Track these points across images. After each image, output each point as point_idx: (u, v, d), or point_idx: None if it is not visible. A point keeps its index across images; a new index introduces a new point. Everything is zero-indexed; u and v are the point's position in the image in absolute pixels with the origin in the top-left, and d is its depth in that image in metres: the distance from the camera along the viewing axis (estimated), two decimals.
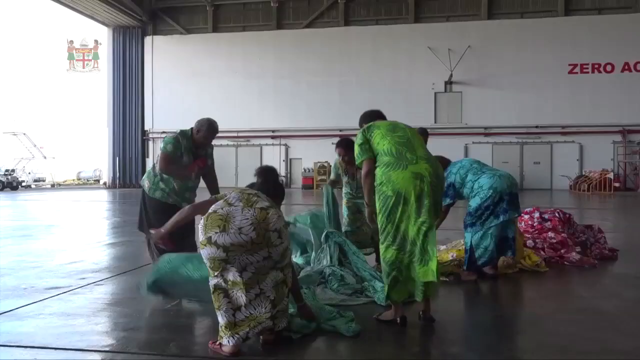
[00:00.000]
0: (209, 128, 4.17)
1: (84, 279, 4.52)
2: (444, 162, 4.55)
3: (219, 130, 4.36)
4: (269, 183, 3.02)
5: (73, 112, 42.29)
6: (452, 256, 4.90)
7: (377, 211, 3.16)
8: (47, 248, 6.43)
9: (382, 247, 3.18)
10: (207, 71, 26.39)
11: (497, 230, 4.40)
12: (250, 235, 2.58)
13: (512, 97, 23.63)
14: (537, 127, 23.80)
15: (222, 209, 2.68)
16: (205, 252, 2.65)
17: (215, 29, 27.17)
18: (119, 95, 27.90)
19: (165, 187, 4.12)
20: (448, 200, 4.54)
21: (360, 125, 3.56)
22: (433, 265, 2.99)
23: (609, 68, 23.29)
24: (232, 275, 2.64)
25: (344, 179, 4.79)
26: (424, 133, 4.91)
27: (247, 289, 2.65)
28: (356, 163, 3.36)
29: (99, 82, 29.88)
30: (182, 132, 4.17)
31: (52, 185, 30.93)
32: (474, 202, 4.43)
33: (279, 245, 2.68)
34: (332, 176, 4.87)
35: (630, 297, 4.00)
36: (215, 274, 2.67)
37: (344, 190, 4.88)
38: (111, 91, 28.00)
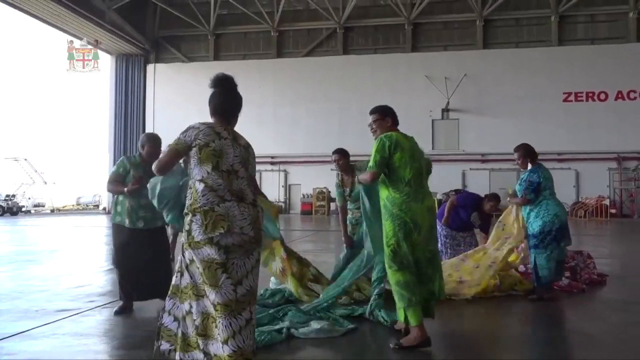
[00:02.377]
0: (149, 141, 4.26)
1: (92, 301, 4.67)
2: None
3: None
4: (227, 94, 2.70)
5: (74, 118, 42.39)
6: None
7: (389, 234, 3.29)
8: (53, 273, 6.57)
9: (391, 271, 3.31)
10: (207, 98, 26.74)
11: (557, 255, 4.73)
12: (250, 234, 2.43)
13: (509, 124, 24.02)
14: None
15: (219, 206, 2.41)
16: (203, 252, 2.35)
17: (216, 57, 27.75)
18: (120, 121, 28.28)
19: (121, 209, 4.19)
20: (532, 196, 4.77)
21: (383, 115, 3.58)
22: (433, 286, 3.33)
23: (602, 96, 23.78)
24: (223, 293, 2.32)
25: (346, 195, 4.98)
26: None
27: (240, 310, 2.36)
28: (369, 165, 3.35)
29: (99, 82, 30.32)
30: (127, 156, 4.39)
31: (52, 211, 31.06)
32: (537, 225, 4.73)
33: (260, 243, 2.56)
34: (339, 203, 5.02)
35: (615, 320, 4.17)
36: (208, 290, 2.33)
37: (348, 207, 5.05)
38: (113, 117, 28.38)
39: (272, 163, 26.48)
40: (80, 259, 8.17)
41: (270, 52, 27.20)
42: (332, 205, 24.82)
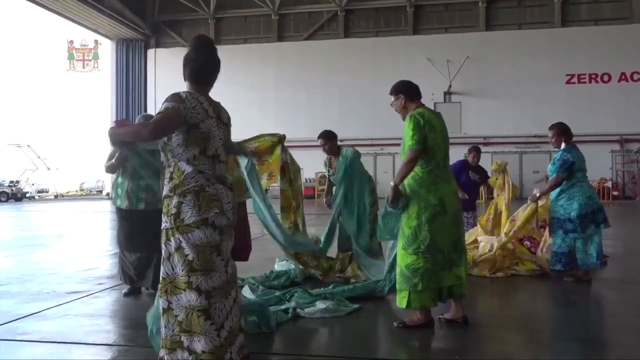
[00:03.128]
0: (149, 119, 4.34)
1: (101, 284, 4.77)
2: None
3: None
4: (210, 57, 2.46)
5: (74, 114, 42.55)
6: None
7: (411, 216, 3.22)
8: (61, 256, 6.68)
9: (404, 253, 3.24)
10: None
11: (598, 238, 4.75)
12: (231, 219, 2.38)
13: (511, 107, 23.95)
14: (535, 136, 24.07)
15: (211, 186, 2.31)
16: (195, 236, 2.23)
17: (217, 41, 27.49)
18: (121, 106, 28.25)
19: (121, 192, 4.19)
20: (566, 174, 4.73)
21: (395, 93, 3.42)
22: (459, 271, 3.27)
23: (605, 78, 23.64)
24: (218, 276, 2.26)
25: (330, 175, 5.28)
26: None
27: (230, 290, 2.32)
28: (409, 144, 3.20)
29: (99, 82, 30.30)
30: None
31: (55, 197, 31.21)
32: (572, 209, 4.71)
33: None
34: (326, 184, 5.34)
35: (611, 299, 4.29)
36: (196, 279, 2.21)
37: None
38: (114, 103, 28.35)
39: None
40: (87, 243, 8.28)
41: (271, 36, 27.04)
42: (334, 190, 24.92)
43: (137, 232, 4.12)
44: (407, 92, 3.41)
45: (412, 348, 3.09)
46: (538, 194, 5.00)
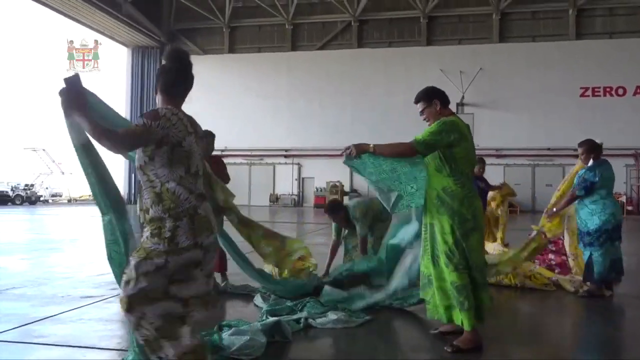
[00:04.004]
0: None
1: (114, 289, 4.81)
2: None
3: (238, 149, 4.73)
4: (186, 71, 2.36)
5: None
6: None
7: (448, 231, 3.05)
8: (75, 261, 6.76)
9: (447, 270, 3.09)
10: (222, 90, 26.99)
11: (612, 253, 4.77)
12: (216, 233, 2.36)
13: (524, 119, 23.85)
14: (548, 149, 23.94)
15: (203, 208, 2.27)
16: (184, 257, 2.17)
17: (231, 50, 27.88)
18: (136, 112, 28.56)
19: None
20: (582, 193, 4.80)
21: (429, 100, 3.27)
22: (481, 294, 3.10)
23: (620, 91, 23.47)
24: (197, 286, 2.24)
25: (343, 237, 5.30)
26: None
27: (209, 302, 2.32)
28: (418, 137, 3.08)
29: (99, 82, 30.74)
30: None
31: (69, 200, 31.57)
32: (593, 223, 4.75)
33: None
34: (334, 237, 5.29)
35: (627, 316, 4.22)
36: (175, 289, 2.18)
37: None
38: (129, 109, 28.69)
39: (285, 156, 26.60)
40: (100, 248, 8.36)
41: (285, 45, 27.26)
42: (346, 199, 24.92)
43: None
44: (442, 98, 3.25)
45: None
46: (555, 209, 5.04)
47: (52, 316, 3.73)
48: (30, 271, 5.80)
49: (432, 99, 3.24)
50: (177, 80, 2.34)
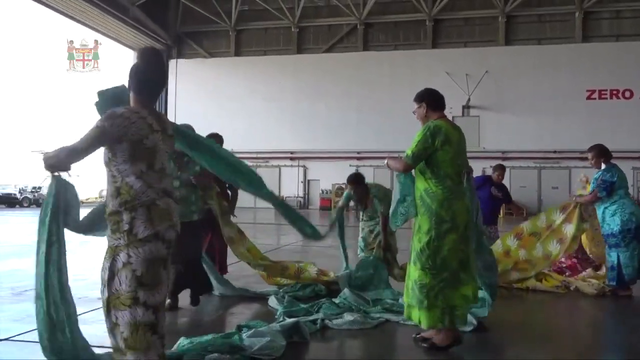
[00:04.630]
0: None
1: None
2: None
3: (244, 151, 4.78)
4: (158, 69, 2.44)
5: (76, 115, 42.96)
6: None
7: (424, 230, 3.14)
8: (87, 263, 6.81)
9: (414, 267, 3.18)
10: (228, 93, 27.12)
11: (639, 253, 4.85)
12: (178, 232, 2.38)
13: (530, 122, 23.83)
14: (555, 152, 23.91)
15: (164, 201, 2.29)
16: (146, 250, 2.19)
17: (237, 53, 28.00)
18: None
19: None
20: (604, 194, 4.94)
21: (418, 102, 3.34)
22: (466, 290, 3.13)
23: (627, 94, 23.43)
24: (164, 290, 2.27)
25: (356, 207, 5.26)
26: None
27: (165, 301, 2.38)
28: (407, 153, 3.19)
29: (103, 83, 30.77)
30: None
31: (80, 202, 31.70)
32: (615, 224, 4.87)
33: None
34: (340, 203, 5.31)
35: None
36: (143, 295, 2.19)
37: (360, 219, 5.33)
38: None
39: (291, 158, 26.67)
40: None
41: (291, 48, 27.36)
42: (351, 202, 24.94)
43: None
44: (429, 101, 3.32)
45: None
46: (579, 199, 5.23)
47: None
48: None
49: (422, 101, 3.33)
50: (147, 80, 2.39)
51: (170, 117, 28.06)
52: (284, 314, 3.76)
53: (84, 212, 2.68)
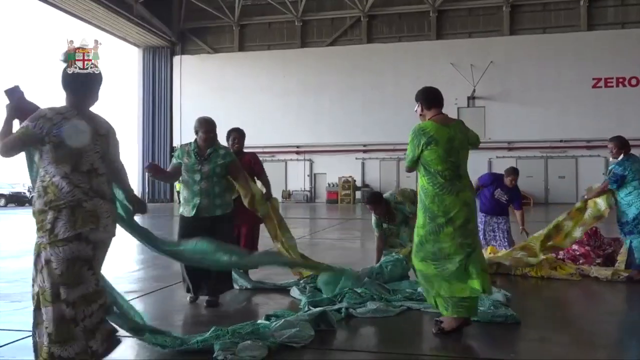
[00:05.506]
0: (202, 126, 4.12)
1: (154, 283, 4.99)
2: None
3: (250, 146, 4.84)
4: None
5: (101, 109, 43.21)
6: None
7: (420, 224, 3.31)
8: (108, 258, 6.93)
9: (416, 259, 3.35)
10: (233, 88, 27.16)
11: None
12: (112, 232, 2.45)
13: (536, 111, 23.80)
14: (561, 141, 23.89)
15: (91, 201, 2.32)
16: (66, 250, 2.25)
17: (241, 48, 28.03)
18: (148, 112, 28.87)
19: (181, 199, 4.16)
20: (614, 186, 5.14)
21: (418, 99, 3.47)
22: (474, 283, 3.19)
23: (633, 82, 23.35)
24: (85, 287, 2.32)
25: (387, 225, 5.22)
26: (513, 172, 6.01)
27: (97, 299, 2.41)
28: (406, 163, 3.42)
29: (108, 82, 30.99)
30: (183, 144, 4.28)
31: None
32: (631, 212, 5.05)
33: None
34: (376, 232, 5.22)
35: None
36: (64, 292, 2.26)
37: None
38: (141, 108, 29.00)
39: (297, 152, 26.74)
40: (126, 245, 8.55)
41: (295, 42, 27.36)
42: (358, 194, 25.03)
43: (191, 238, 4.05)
44: (423, 99, 3.44)
45: (460, 347, 3.21)
46: (586, 196, 5.41)
47: None
48: None
49: (417, 101, 3.47)
50: (71, 81, 2.43)
51: (176, 114, 28.28)
52: (308, 304, 3.87)
53: None
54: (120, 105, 35.91)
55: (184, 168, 4.10)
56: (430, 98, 3.42)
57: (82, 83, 2.45)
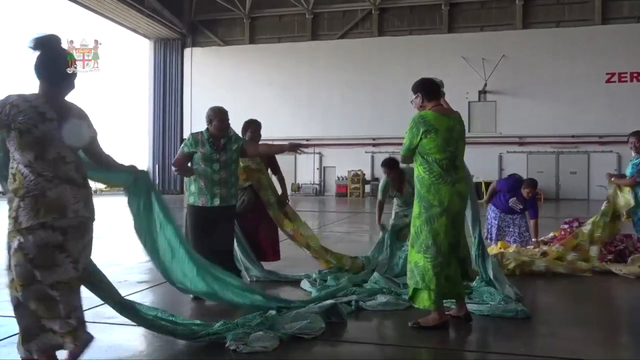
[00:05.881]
0: (216, 115, 4.09)
1: None
2: None
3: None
4: (54, 54, 2.46)
5: (110, 100, 43.50)
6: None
7: (416, 214, 3.35)
8: (119, 248, 7.02)
9: (412, 251, 3.36)
10: (243, 81, 27.17)
11: None
12: (85, 215, 2.40)
13: (548, 106, 23.57)
14: (573, 136, 23.66)
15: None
16: (33, 238, 2.25)
17: (251, 41, 28.00)
18: (159, 104, 29.00)
19: (195, 188, 4.07)
20: None
21: (415, 92, 3.49)
22: (452, 272, 3.30)
23: None
24: (63, 271, 2.32)
25: (393, 194, 5.29)
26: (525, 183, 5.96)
27: (78, 286, 2.43)
28: (402, 152, 3.42)
29: (98, 82, 31.33)
30: (194, 133, 4.21)
31: (95, 192, 32.23)
32: None
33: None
34: (379, 197, 5.32)
35: None
36: (40, 274, 2.27)
37: (394, 204, 5.38)
38: (152, 100, 29.13)
39: (306, 145, 26.73)
40: (135, 236, 8.64)
41: (305, 35, 27.28)
42: (367, 188, 25.00)
43: (209, 230, 4.01)
44: (423, 90, 3.46)
45: (469, 340, 3.22)
46: (613, 178, 5.58)
47: None
48: None
49: (417, 91, 3.47)
50: (43, 67, 2.40)
51: (186, 106, 28.39)
52: (319, 297, 3.89)
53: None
54: (131, 98, 36.08)
55: (201, 157, 4.05)
56: (431, 89, 3.47)
57: (47, 68, 2.43)
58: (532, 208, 6.13)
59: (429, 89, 3.45)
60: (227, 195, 4.08)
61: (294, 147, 4.27)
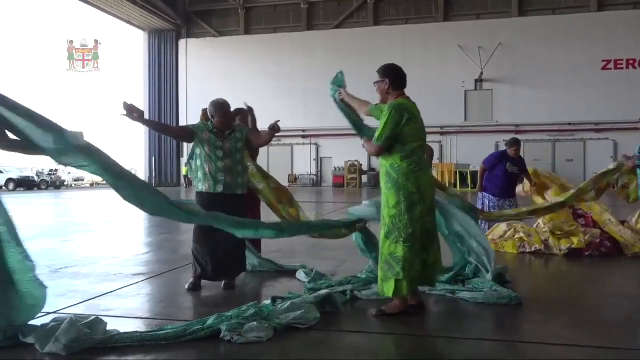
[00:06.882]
0: (217, 109, 4.06)
1: (162, 266, 5.06)
2: None
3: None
4: None
5: (106, 93, 43.34)
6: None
7: (393, 204, 3.25)
8: (115, 241, 7.03)
9: (388, 242, 3.27)
10: (238, 72, 27.07)
11: None
12: None
13: (544, 94, 23.57)
14: (569, 124, 23.69)
15: None
16: None
17: (247, 31, 27.85)
18: (154, 96, 28.88)
19: (201, 175, 4.04)
20: None
21: (382, 76, 3.43)
22: (428, 257, 3.31)
23: None
24: None
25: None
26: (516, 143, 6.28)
27: None
28: (377, 135, 3.30)
29: (98, 82, 31.15)
30: (205, 122, 4.18)
31: (91, 185, 32.16)
32: None
33: None
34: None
35: None
36: None
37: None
38: (147, 92, 29.01)
39: (303, 136, 26.70)
40: (135, 229, 8.64)
41: (301, 25, 27.15)
42: (364, 178, 25.02)
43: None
44: (393, 78, 3.40)
45: (463, 328, 3.24)
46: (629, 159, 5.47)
47: (111, 292, 3.95)
48: (77, 252, 6.06)
49: (385, 76, 3.41)
50: None
51: (182, 97, 28.25)
52: (314, 287, 3.90)
53: None
54: (127, 91, 35.94)
55: (206, 141, 4.04)
56: (401, 78, 3.42)
57: None
58: (523, 165, 6.52)
59: (399, 78, 3.40)
60: (232, 183, 4.04)
61: (276, 128, 4.37)
